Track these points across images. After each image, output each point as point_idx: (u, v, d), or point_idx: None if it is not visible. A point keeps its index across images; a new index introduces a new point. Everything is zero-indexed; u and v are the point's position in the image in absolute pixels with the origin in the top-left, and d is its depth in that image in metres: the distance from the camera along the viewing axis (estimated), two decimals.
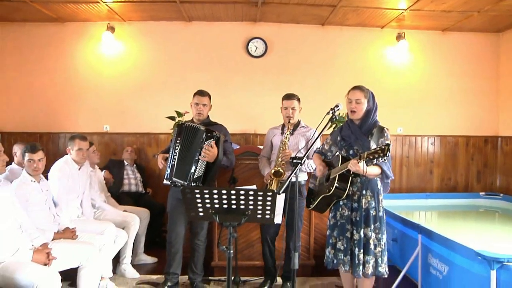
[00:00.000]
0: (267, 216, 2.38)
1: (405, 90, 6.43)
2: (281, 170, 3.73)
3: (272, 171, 3.76)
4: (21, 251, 2.95)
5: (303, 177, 3.94)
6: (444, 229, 4.34)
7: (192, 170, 3.70)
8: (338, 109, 3.15)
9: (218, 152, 3.74)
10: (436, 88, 6.47)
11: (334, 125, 5.15)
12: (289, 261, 3.85)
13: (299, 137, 3.93)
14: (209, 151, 3.67)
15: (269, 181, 3.81)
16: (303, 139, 3.92)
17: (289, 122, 3.88)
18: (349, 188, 3.16)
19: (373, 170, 3.09)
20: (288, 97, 3.93)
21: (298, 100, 3.94)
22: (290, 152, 3.74)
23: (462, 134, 6.57)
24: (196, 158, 3.70)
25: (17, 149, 4.56)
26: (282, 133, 3.95)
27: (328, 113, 3.13)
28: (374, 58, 6.41)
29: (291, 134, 3.91)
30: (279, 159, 3.78)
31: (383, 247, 3.22)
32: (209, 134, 3.73)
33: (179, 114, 5.55)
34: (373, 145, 3.11)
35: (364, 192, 3.20)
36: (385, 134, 3.17)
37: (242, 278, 4.19)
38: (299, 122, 4.00)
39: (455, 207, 6.18)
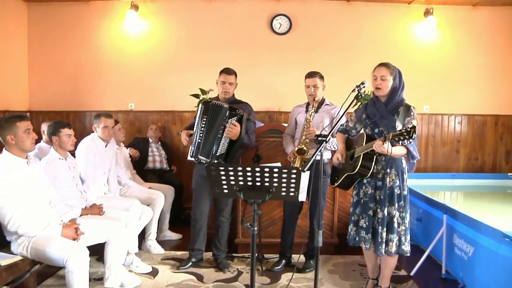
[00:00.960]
0: (291, 194, 2.37)
1: (433, 67, 6.27)
2: (305, 148, 3.72)
3: (296, 149, 3.75)
4: (51, 226, 3.03)
5: (326, 156, 3.92)
6: (470, 209, 4.29)
7: (215, 147, 3.73)
8: (364, 87, 3.09)
9: (241, 130, 3.75)
10: (464, 66, 6.30)
11: (359, 103, 5.09)
12: (313, 239, 3.91)
13: (324, 115, 3.89)
14: (232, 129, 3.69)
15: (292, 159, 3.80)
16: (327, 117, 3.89)
17: (313, 100, 3.85)
18: (373, 167, 3.13)
19: (398, 151, 3.04)
20: (310, 75, 3.88)
21: (321, 77, 3.89)
22: (314, 130, 3.72)
23: (491, 113, 6.41)
24: (219, 135, 3.72)
25: (45, 128, 4.66)
26: (307, 111, 3.92)
27: (353, 90, 3.07)
28: (401, 34, 6.26)
29: (316, 112, 3.88)
30: (303, 137, 3.77)
31: (407, 225, 3.20)
32: (232, 112, 3.73)
33: (203, 91, 5.54)
34: (398, 125, 3.06)
35: (388, 170, 3.16)
36: (412, 113, 3.10)
37: (266, 255, 4.24)
38: (323, 99, 3.96)
39: (482, 187, 6.08)
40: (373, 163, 3.13)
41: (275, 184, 2.32)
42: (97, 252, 3.61)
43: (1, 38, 5.75)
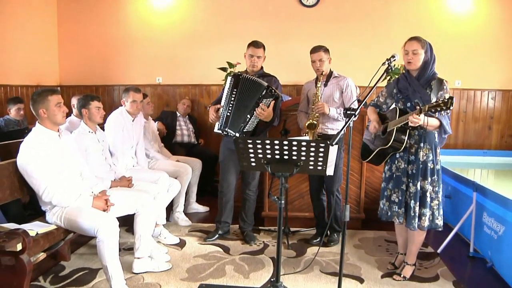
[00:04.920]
0: (319, 168, 2.36)
1: (466, 40, 6.02)
2: (315, 122, 3.72)
3: (306, 123, 3.74)
4: (82, 197, 3.11)
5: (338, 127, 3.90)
6: (502, 188, 4.19)
7: (243, 124, 3.73)
8: (395, 60, 3.00)
9: (274, 112, 3.74)
10: (500, 39, 6.02)
11: (389, 77, 4.99)
12: (335, 213, 3.98)
13: (333, 88, 3.87)
14: (264, 110, 3.68)
15: (304, 134, 3.80)
16: (337, 89, 3.86)
17: (321, 74, 3.82)
18: (406, 141, 3.10)
19: (432, 121, 2.98)
20: (315, 50, 3.85)
21: (326, 51, 3.84)
22: (323, 104, 3.72)
23: None
24: (251, 112, 3.71)
25: (75, 101, 4.74)
26: (316, 86, 3.88)
27: (383, 63, 2.98)
28: (434, 5, 6.02)
29: (325, 85, 3.85)
30: (313, 111, 3.75)
31: (440, 200, 3.18)
32: (269, 92, 3.70)
33: (231, 65, 5.53)
34: (433, 98, 3.00)
35: (422, 144, 3.12)
36: (445, 87, 3.04)
37: (292, 229, 4.26)
38: (331, 72, 3.91)
39: None
40: (406, 137, 3.09)
41: (303, 158, 2.31)
42: (126, 223, 3.70)
43: (32, 16, 5.84)
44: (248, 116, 3.72)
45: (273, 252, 3.83)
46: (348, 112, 2.71)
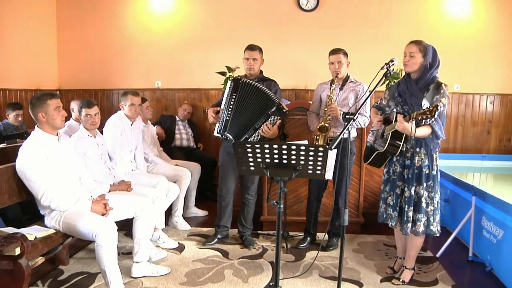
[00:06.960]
0: (318, 172, 2.36)
1: (465, 44, 6.03)
2: (327, 125, 3.70)
3: (318, 126, 3.72)
4: (81, 201, 3.10)
5: (353, 134, 3.88)
6: (500, 192, 4.20)
7: (247, 135, 3.75)
8: (393, 64, 3.01)
9: (279, 130, 3.75)
10: (499, 43, 6.03)
11: (387, 81, 4.99)
12: (337, 217, 3.92)
13: (349, 92, 3.85)
14: (269, 130, 3.69)
15: (315, 137, 3.79)
16: (352, 94, 3.84)
17: (336, 77, 3.81)
18: (402, 145, 3.10)
19: (422, 131, 2.99)
20: (334, 51, 3.83)
21: (345, 54, 3.83)
22: (336, 107, 3.69)
23: None
24: (257, 126, 3.73)
25: (74, 106, 4.75)
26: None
27: (382, 68, 2.99)
28: (433, 9, 6.03)
29: (340, 89, 3.84)
30: (325, 114, 3.74)
31: (436, 205, 3.16)
32: (278, 110, 3.70)
33: (230, 69, 5.55)
34: (425, 103, 3.00)
35: (417, 149, 3.12)
36: (442, 91, 3.01)
37: (291, 233, 4.26)
38: (348, 76, 3.89)
39: None
40: (402, 141, 3.09)
41: (302, 162, 2.31)
42: (125, 227, 3.68)
43: (31, 20, 5.85)
44: (252, 130, 3.74)
45: (272, 256, 3.83)
46: (347, 116, 2.72)
